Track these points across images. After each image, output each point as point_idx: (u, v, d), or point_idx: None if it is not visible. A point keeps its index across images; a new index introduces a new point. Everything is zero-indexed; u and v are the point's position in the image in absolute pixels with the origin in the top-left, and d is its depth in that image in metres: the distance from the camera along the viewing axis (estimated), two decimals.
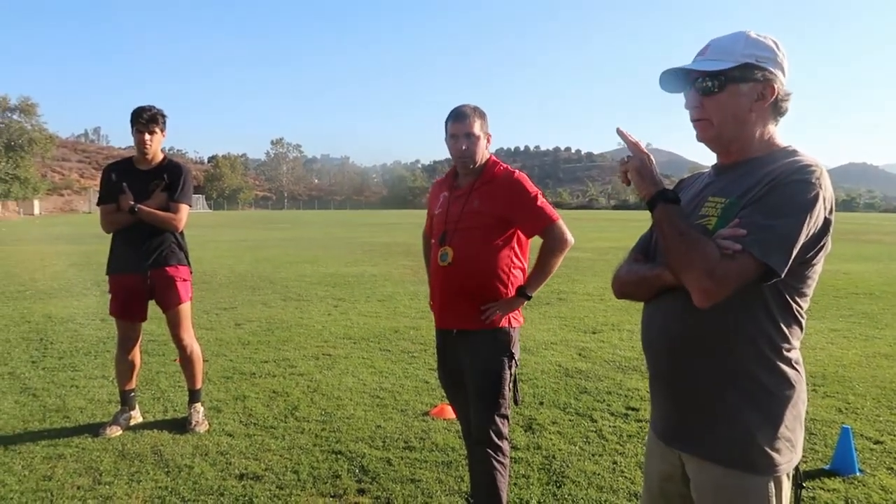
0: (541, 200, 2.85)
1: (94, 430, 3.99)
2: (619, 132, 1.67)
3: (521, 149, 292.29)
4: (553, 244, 2.87)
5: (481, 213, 2.81)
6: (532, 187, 2.86)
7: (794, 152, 1.58)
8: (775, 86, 1.58)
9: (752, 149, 1.61)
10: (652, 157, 1.67)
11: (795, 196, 1.46)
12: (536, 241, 2.92)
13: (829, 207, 1.50)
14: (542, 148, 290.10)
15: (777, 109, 1.61)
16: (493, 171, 2.89)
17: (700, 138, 1.66)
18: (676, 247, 1.51)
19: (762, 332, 1.54)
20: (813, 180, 1.47)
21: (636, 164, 1.64)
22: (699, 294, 1.46)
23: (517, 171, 2.92)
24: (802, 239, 1.45)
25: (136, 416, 4.19)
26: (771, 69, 1.57)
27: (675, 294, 1.59)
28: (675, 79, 1.65)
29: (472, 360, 2.85)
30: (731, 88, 1.57)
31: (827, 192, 1.49)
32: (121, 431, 3.98)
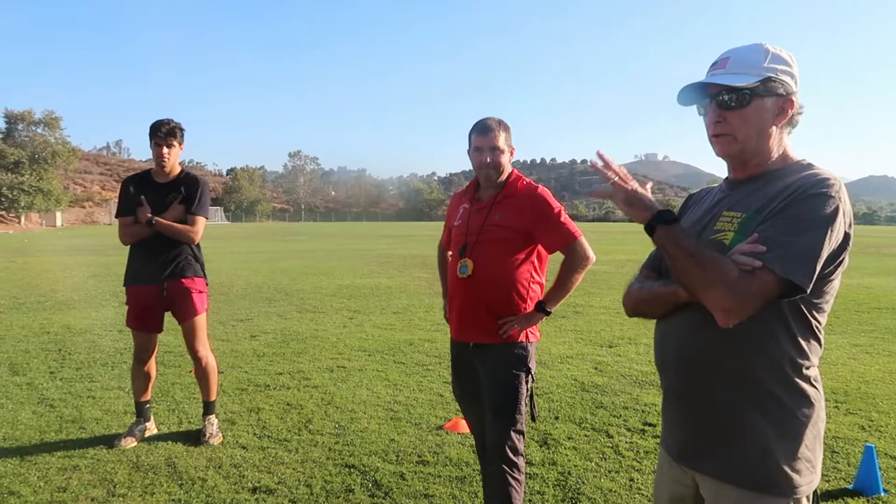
0: (564, 216, 2.84)
1: (110, 441, 4.00)
2: (601, 156, 1.61)
3: (538, 161, 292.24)
4: (575, 261, 2.85)
5: (503, 227, 2.80)
6: (555, 203, 2.85)
7: (810, 165, 1.55)
8: (794, 100, 1.56)
9: (769, 161, 1.59)
10: (633, 182, 1.60)
11: (816, 210, 1.42)
12: (555, 256, 2.90)
13: (848, 221, 1.47)
14: (559, 160, 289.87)
15: (791, 122, 1.59)
16: (515, 186, 2.88)
17: (721, 154, 1.61)
18: (690, 268, 1.46)
19: (780, 349, 1.50)
20: (832, 194, 1.44)
21: (621, 196, 1.58)
22: (722, 314, 1.42)
23: (540, 185, 2.91)
24: (825, 253, 1.42)
25: (151, 428, 4.20)
26: (790, 83, 1.56)
27: (689, 311, 1.56)
28: (691, 91, 1.61)
29: (489, 375, 2.83)
30: (756, 103, 1.54)
31: (846, 206, 1.46)
32: (135, 443, 3.99)
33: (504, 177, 2.89)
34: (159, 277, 4.02)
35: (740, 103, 1.54)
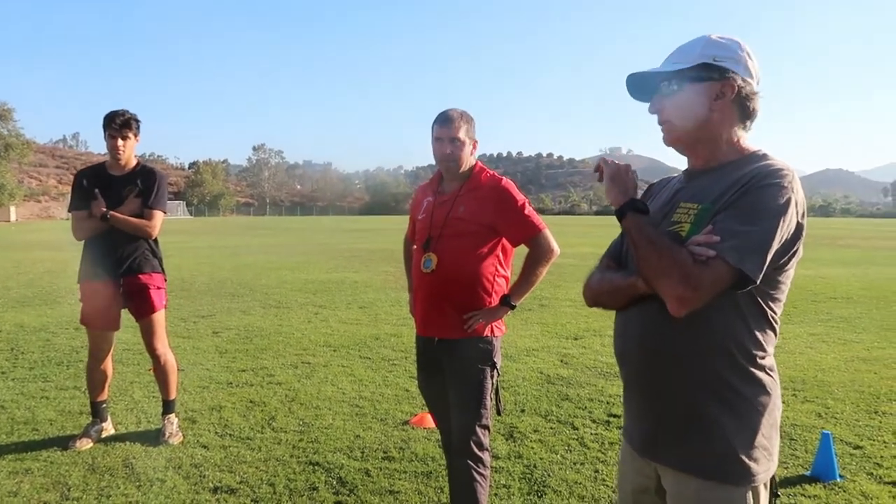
0: (528, 209, 2.82)
1: (64, 442, 3.87)
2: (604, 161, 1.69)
3: (504, 155, 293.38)
4: (539, 254, 2.84)
5: (466, 220, 2.77)
6: (519, 196, 2.83)
7: (765, 156, 1.57)
8: (735, 84, 1.56)
9: (722, 153, 1.60)
10: (632, 168, 1.66)
11: (768, 201, 1.44)
12: (521, 250, 2.88)
13: (801, 212, 1.49)
14: (525, 154, 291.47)
15: (744, 112, 1.59)
16: (479, 178, 2.85)
17: (666, 140, 1.66)
18: (648, 255, 1.48)
19: (737, 339, 1.52)
20: (785, 184, 1.46)
21: (612, 171, 1.64)
22: (674, 302, 1.44)
23: (504, 178, 2.89)
24: (776, 244, 1.44)
25: (108, 428, 4.08)
26: (730, 67, 1.56)
27: (648, 303, 1.56)
28: (646, 87, 1.66)
29: (454, 369, 2.81)
30: (688, 87, 1.57)
31: (798, 196, 1.48)
32: (91, 444, 3.87)
33: (465, 169, 2.86)
34: (115, 273, 3.90)
35: (673, 89, 1.59)
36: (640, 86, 1.66)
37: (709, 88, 1.56)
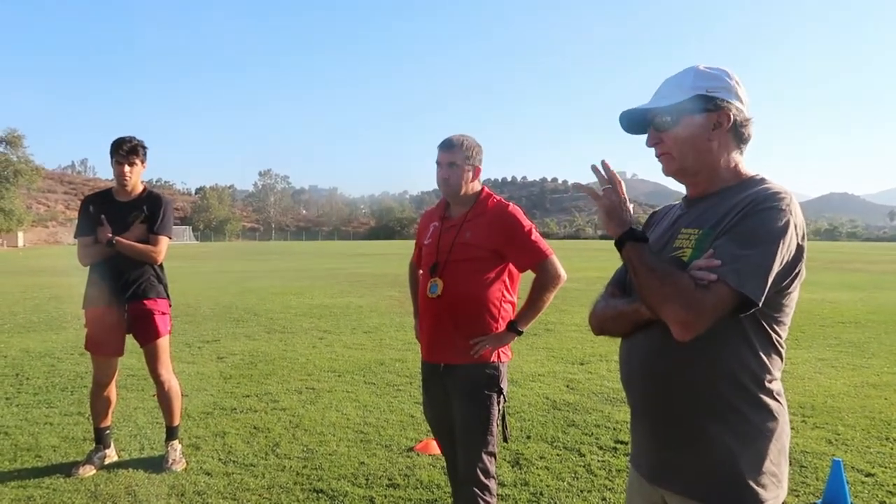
0: (535, 235, 2.83)
1: (67, 469, 3.84)
2: (604, 165, 1.66)
3: (509, 179, 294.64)
4: (546, 279, 2.83)
5: (473, 246, 2.77)
6: (526, 221, 2.84)
7: (763, 180, 1.58)
8: (730, 113, 1.59)
9: (720, 178, 1.62)
10: (625, 194, 1.64)
11: (767, 224, 1.45)
12: (527, 274, 2.88)
13: (800, 234, 1.49)
14: (529, 178, 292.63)
15: (739, 137, 1.62)
16: (486, 204, 2.86)
17: (666, 172, 1.68)
18: (650, 283, 1.49)
19: (743, 364, 1.52)
20: (783, 207, 1.47)
21: (606, 204, 1.63)
22: (678, 327, 1.44)
23: (511, 203, 2.90)
24: (777, 266, 1.44)
25: (111, 455, 4.05)
26: (724, 97, 1.59)
27: (653, 329, 1.56)
28: (637, 121, 1.68)
29: (460, 395, 2.78)
30: (684, 121, 1.59)
31: (797, 219, 1.49)
32: (94, 471, 3.84)
33: (470, 194, 2.87)
34: (120, 299, 3.90)
35: (670, 124, 1.60)
36: (634, 119, 1.68)
37: (706, 119, 1.59)
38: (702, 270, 1.44)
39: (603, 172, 1.66)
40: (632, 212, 1.65)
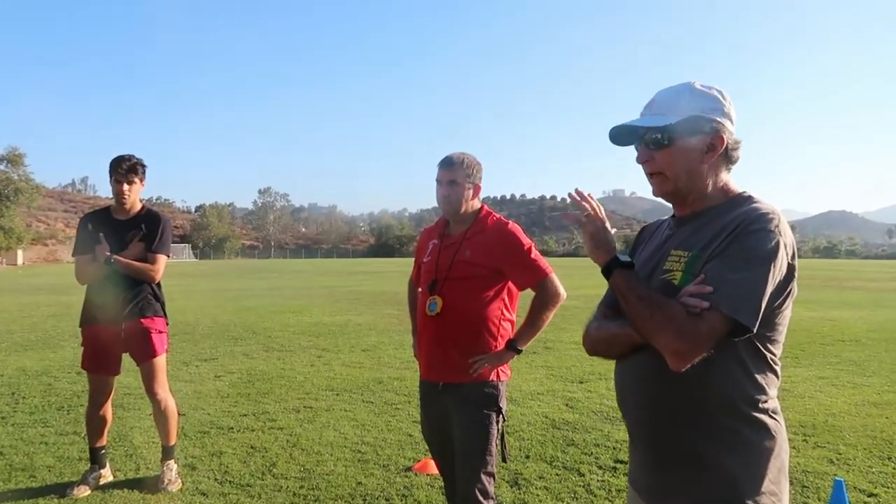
0: (534, 253, 2.82)
1: (62, 490, 3.81)
2: (578, 193, 1.67)
3: (508, 197, 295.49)
4: (545, 298, 2.82)
5: (472, 264, 2.76)
6: (525, 239, 2.83)
7: (750, 199, 1.57)
8: (724, 136, 1.58)
9: (708, 198, 1.61)
10: (605, 217, 1.66)
11: (758, 246, 1.44)
12: (527, 292, 2.87)
13: (790, 253, 1.49)
14: (528, 196, 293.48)
15: (728, 158, 1.61)
16: (485, 222, 2.86)
17: (657, 193, 1.66)
18: (640, 312, 1.48)
19: (737, 385, 1.51)
20: (772, 228, 1.46)
21: (591, 231, 1.64)
22: (673, 357, 1.43)
23: (510, 221, 2.89)
24: (770, 289, 1.43)
25: (107, 475, 4.02)
26: (718, 119, 1.57)
27: (645, 353, 1.55)
28: (626, 133, 1.65)
29: (459, 415, 2.77)
30: (679, 143, 1.57)
31: (787, 239, 1.48)
32: (89, 491, 3.80)
33: (469, 212, 2.87)
34: (117, 317, 3.89)
35: (664, 143, 1.58)
36: (623, 131, 1.65)
37: (700, 142, 1.57)
38: (693, 297, 1.43)
39: (579, 199, 1.66)
40: (614, 235, 1.65)
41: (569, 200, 1.69)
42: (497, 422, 2.76)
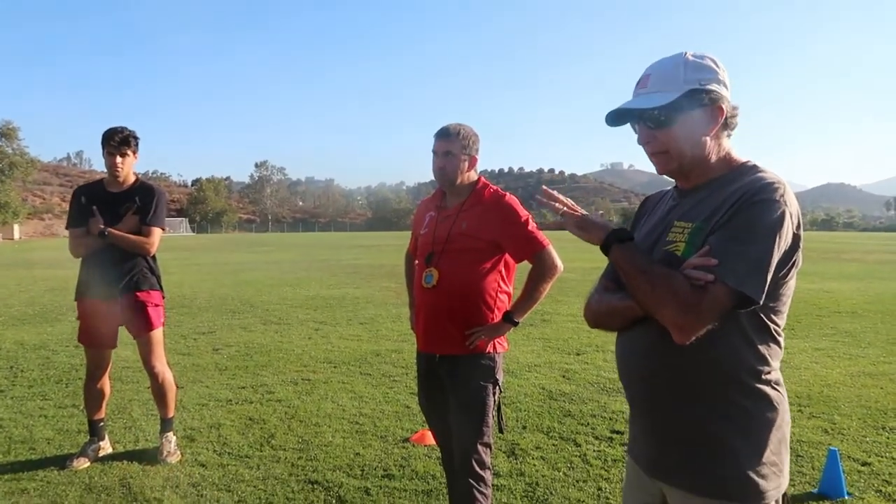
0: (531, 225, 2.79)
1: (61, 462, 3.83)
2: (546, 194, 1.68)
3: (506, 170, 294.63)
4: (542, 270, 2.80)
5: (469, 236, 2.74)
6: (522, 211, 2.80)
7: (755, 168, 1.54)
8: (723, 106, 1.54)
9: (711, 168, 1.57)
10: (580, 209, 1.67)
11: (763, 217, 1.41)
12: (523, 265, 2.85)
13: (796, 223, 1.46)
14: (526, 170, 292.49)
15: (727, 125, 1.58)
16: (482, 194, 2.83)
17: (661, 171, 1.62)
18: (642, 286, 1.46)
19: (740, 356, 1.49)
20: (777, 198, 1.43)
21: (574, 221, 1.62)
22: (676, 331, 1.41)
23: (507, 194, 2.86)
24: (775, 261, 1.41)
25: (106, 447, 4.04)
26: (715, 89, 1.53)
27: (648, 325, 1.53)
28: (622, 112, 1.59)
29: (455, 386, 2.77)
30: (682, 118, 1.52)
31: (792, 208, 1.45)
32: (88, 463, 3.83)
33: (466, 184, 2.84)
34: (113, 291, 3.87)
35: (666, 122, 1.53)
36: (621, 113, 1.59)
37: (702, 115, 1.53)
38: (697, 270, 1.41)
39: (547, 201, 1.66)
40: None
41: (537, 199, 1.71)
42: (494, 393, 2.77)
